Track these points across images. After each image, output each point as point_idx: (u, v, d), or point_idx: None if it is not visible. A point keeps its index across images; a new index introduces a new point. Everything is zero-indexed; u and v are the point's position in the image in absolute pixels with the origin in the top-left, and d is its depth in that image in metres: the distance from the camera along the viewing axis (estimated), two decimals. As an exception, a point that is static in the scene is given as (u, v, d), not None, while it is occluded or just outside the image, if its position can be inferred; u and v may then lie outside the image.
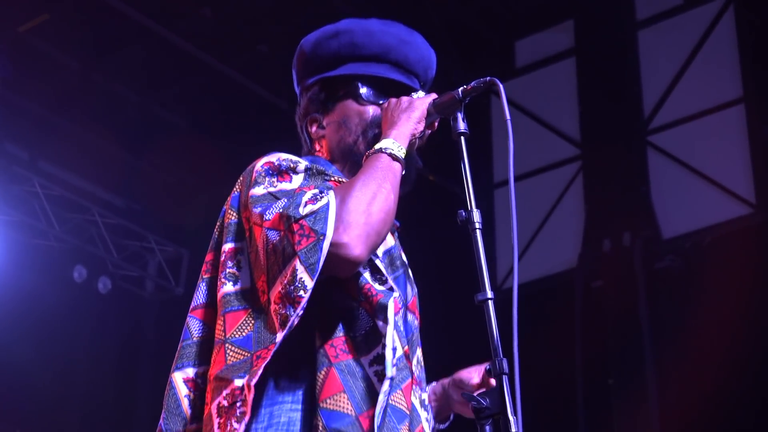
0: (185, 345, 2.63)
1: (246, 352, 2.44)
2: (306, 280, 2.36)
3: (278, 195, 2.52)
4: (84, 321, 10.23)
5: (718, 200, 8.80)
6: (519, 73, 10.05)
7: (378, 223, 2.44)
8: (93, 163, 10.26)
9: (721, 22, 9.19)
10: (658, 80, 9.37)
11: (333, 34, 2.86)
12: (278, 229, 2.43)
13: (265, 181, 2.57)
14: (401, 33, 2.87)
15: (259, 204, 2.52)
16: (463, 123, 2.65)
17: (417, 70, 2.87)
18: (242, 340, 2.46)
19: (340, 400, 2.36)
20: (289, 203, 2.44)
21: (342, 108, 2.84)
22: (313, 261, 2.36)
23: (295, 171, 2.58)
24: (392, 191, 2.51)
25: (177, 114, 10.39)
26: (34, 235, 9.89)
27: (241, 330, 2.48)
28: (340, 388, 2.37)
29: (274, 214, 2.45)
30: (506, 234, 9.15)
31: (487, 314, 2.41)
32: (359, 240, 2.40)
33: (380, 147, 2.60)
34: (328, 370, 2.40)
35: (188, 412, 2.57)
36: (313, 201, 2.43)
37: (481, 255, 2.48)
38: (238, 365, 2.43)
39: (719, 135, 8.99)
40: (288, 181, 2.56)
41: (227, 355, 2.45)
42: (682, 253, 8.84)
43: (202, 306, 2.66)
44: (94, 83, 9.87)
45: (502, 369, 2.36)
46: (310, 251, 2.37)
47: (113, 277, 10.42)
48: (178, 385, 2.59)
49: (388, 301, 2.42)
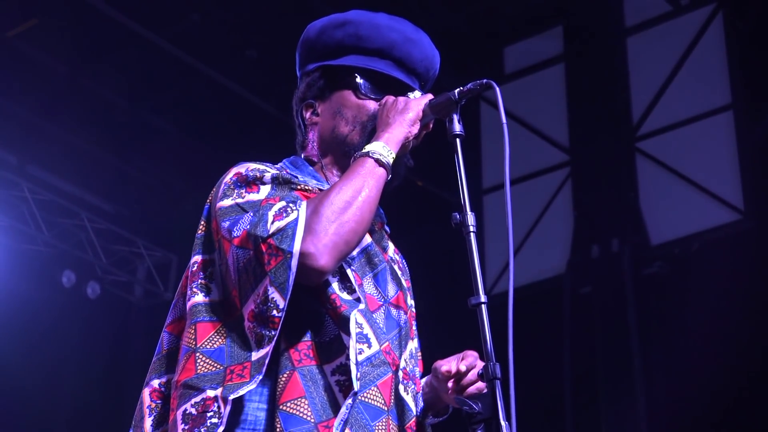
0: (155, 360, 2.65)
1: (218, 364, 2.44)
2: (278, 300, 2.38)
3: (246, 207, 2.51)
4: (73, 326, 10.19)
5: (706, 207, 8.81)
6: (508, 79, 10.04)
7: (348, 233, 2.44)
8: (82, 167, 10.24)
9: (710, 28, 9.20)
10: (647, 87, 9.39)
11: (339, 23, 2.85)
12: (246, 247, 2.44)
13: (233, 192, 2.57)
14: (407, 30, 2.85)
15: (227, 218, 2.52)
16: (458, 125, 2.64)
17: (419, 69, 2.86)
18: (214, 352, 2.46)
19: (301, 405, 2.37)
20: (257, 220, 2.45)
21: (339, 98, 2.82)
22: (282, 280, 2.37)
23: (262, 181, 2.57)
24: (370, 199, 2.50)
25: (166, 119, 10.37)
26: (22, 240, 9.87)
27: (212, 342, 2.48)
28: (301, 393, 2.38)
29: (242, 231, 2.46)
30: (496, 239, 9.16)
31: (480, 318, 2.40)
32: (326, 249, 2.40)
33: (368, 150, 2.59)
34: (291, 374, 2.40)
35: (148, 424, 2.59)
36: (280, 216, 2.44)
37: (475, 258, 2.47)
38: (210, 376, 2.43)
39: (708, 141, 9.00)
40: (256, 191, 2.55)
41: (197, 364, 2.45)
42: (670, 260, 8.86)
43: (176, 320, 2.68)
44: (83, 88, 9.84)
45: (494, 374, 2.35)
46: (279, 270, 2.38)
47: (102, 282, 10.40)
48: (144, 399, 2.62)
49: (350, 314, 2.42)
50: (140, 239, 10.55)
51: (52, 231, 9.94)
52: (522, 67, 10.09)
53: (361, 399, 2.45)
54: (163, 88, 10.04)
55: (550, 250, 9.37)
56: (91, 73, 9.79)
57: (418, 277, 2.94)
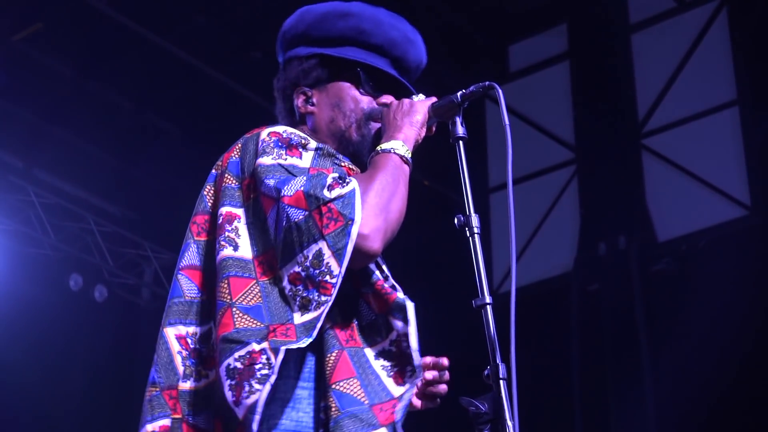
0: (176, 302, 2.57)
1: (257, 321, 2.37)
2: (333, 266, 2.35)
3: (291, 170, 2.47)
4: (80, 329, 10.19)
5: (713, 203, 8.80)
6: (513, 77, 10.04)
7: (394, 221, 2.46)
8: (88, 171, 10.24)
9: (715, 24, 9.19)
10: (652, 83, 9.38)
11: (342, 13, 2.82)
12: (302, 207, 2.39)
13: (273, 151, 2.52)
14: (407, 30, 2.86)
15: (270, 175, 2.47)
16: (461, 127, 2.64)
17: (411, 69, 2.86)
18: (251, 309, 2.39)
19: (354, 385, 2.35)
20: (313, 183, 2.41)
21: (338, 90, 2.80)
22: (340, 246, 2.35)
23: (305, 148, 2.54)
24: (405, 193, 2.52)
25: (171, 121, 10.38)
26: (29, 244, 9.87)
27: (247, 298, 2.41)
28: (352, 373, 2.36)
29: (296, 191, 2.40)
30: (502, 238, 9.15)
31: (485, 319, 2.41)
32: (378, 234, 2.40)
33: (390, 148, 2.58)
34: (340, 354, 2.38)
35: (181, 369, 2.50)
36: (339, 185, 2.40)
37: (479, 260, 2.47)
38: (252, 331, 2.36)
39: (714, 137, 8.99)
40: (298, 156, 2.51)
41: (235, 319, 2.38)
42: (677, 256, 8.85)
43: (196, 268, 2.60)
44: (89, 91, 9.86)
45: (500, 374, 2.35)
46: (338, 236, 2.35)
47: (109, 285, 10.39)
48: (170, 340, 2.53)
49: (405, 301, 2.41)
50: (147, 242, 10.54)
51: (58, 235, 9.94)
52: (527, 65, 10.09)
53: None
54: (169, 90, 10.05)
55: (557, 248, 9.37)
56: (97, 76, 9.81)
57: (424, 276, 2.95)
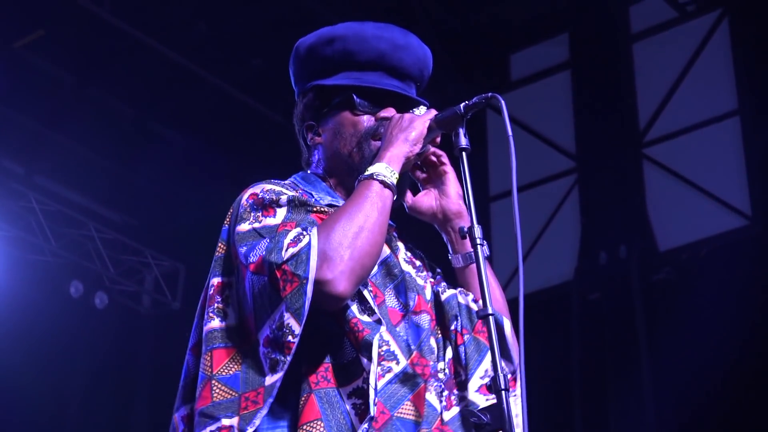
0: (184, 384, 2.64)
1: (233, 391, 2.45)
2: (293, 326, 2.38)
3: (262, 232, 2.51)
4: (81, 336, 10.19)
5: (714, 212, 8.80)
6: (514, 86, 10.04)
7: (364, 257, 2.45)
8: (89, 177, 10.25)
9: (716, 34, 9.20)
10: (654, 93, 9.38)
11: (327, 40, 2.83)
12: (263, 274, 2.44)
13: (250, 216, 2.57)
14: (395, 37, 2.84)
15: (244, 243, 2.52)
16: (464, 138, 2.62)
17: (412, 73, 2.84)
18: (229, 379, 2.47)
19: (316, 427, 2.38)
20: (272, 246, 2.45)
21: (337, 117, 2.81)
22: (297, 306, 2.38)
23: (278, 204, 2.57)
24: (379, 222, 2.51)
25: (172, 128, 10.39)
26: (30, 251, 9.87)
27: (228, 368, 2.49)
28: (317, 415, 2.39)
29: (257, 258, 2.46)
30: (503, 247, 9.14)
31: (488, 329, 2.41)
32: (343, 276, 2.41)
33: (372, 173, 2.58)
34: (308, 397, 2.42)
35: None
36: (294, 243, 2.43)
37: (482, 270, 2.47)
38: (225, 404, 2.44)
39: (715, 147, 9.00)
40: (272, 215, 2.55)
41: (213, 392, 2.46)
42: (678, 265, 8.84)
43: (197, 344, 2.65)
44: (90, 98, 9.87)
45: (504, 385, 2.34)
46: (294, 296, 2.38)
47: (110, 292, 10.39)
48: (176, 425, 2.61)
49: (373, 338, 2.43)
50: (148, 249, 10.54)
51: (59, 241, 9.94)
52: (528, 74, 10.09)
53: (397, 416, 2.47)
54: (170, 97, 10.06)
55: (558, 257, 9.37)
56: (98, 83, 9.82)
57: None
